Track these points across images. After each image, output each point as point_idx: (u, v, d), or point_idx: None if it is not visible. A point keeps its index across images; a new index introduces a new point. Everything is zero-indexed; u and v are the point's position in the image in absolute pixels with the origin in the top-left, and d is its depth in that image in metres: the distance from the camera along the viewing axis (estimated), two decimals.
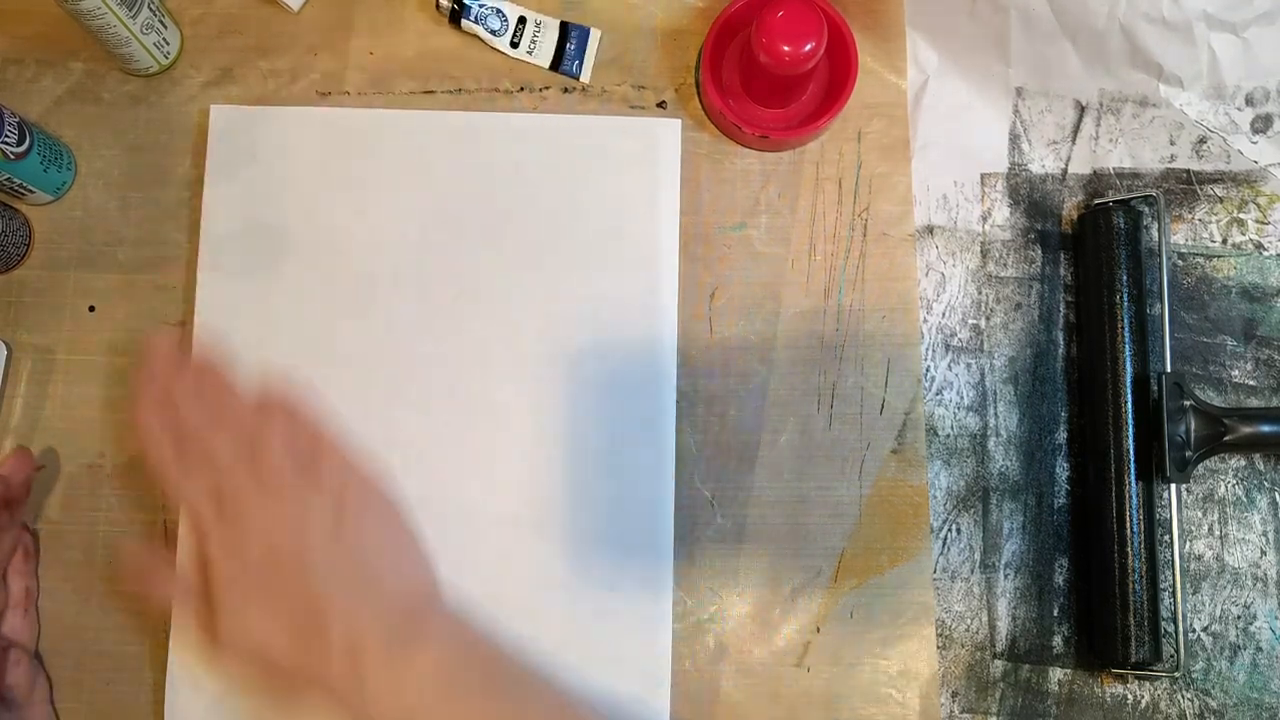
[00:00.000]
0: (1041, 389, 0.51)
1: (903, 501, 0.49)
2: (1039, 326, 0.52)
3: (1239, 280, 0.52)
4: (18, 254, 0.50)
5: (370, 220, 0.50)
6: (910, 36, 0.53)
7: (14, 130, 0.46)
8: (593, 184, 0.51)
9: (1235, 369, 0.51)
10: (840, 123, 0.52)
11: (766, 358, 0.50)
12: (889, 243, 0.52)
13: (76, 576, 0.47)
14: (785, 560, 0.49)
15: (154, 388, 0.42)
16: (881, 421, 0.50)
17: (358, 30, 0.53)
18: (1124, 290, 0.49)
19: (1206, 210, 0.52)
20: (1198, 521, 0.50)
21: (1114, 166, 0.52)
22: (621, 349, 0.49)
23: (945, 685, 0.48)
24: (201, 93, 0.52)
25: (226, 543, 0.39)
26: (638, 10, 0.53)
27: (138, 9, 0.47)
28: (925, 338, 0.51)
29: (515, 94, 0.52)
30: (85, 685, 0.47)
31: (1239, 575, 0.49)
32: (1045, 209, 0.52)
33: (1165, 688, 0.48)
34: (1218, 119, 0.52)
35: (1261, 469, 0.50)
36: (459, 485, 0.48)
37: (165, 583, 0.43)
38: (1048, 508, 0.50)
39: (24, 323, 0.50)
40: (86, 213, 0.51)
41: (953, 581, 0.49)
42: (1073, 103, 0.53)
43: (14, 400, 0.49)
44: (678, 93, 0.53)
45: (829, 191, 0.52)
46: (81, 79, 0.52)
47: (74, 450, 0.49)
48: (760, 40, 0.45)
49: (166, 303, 0.50)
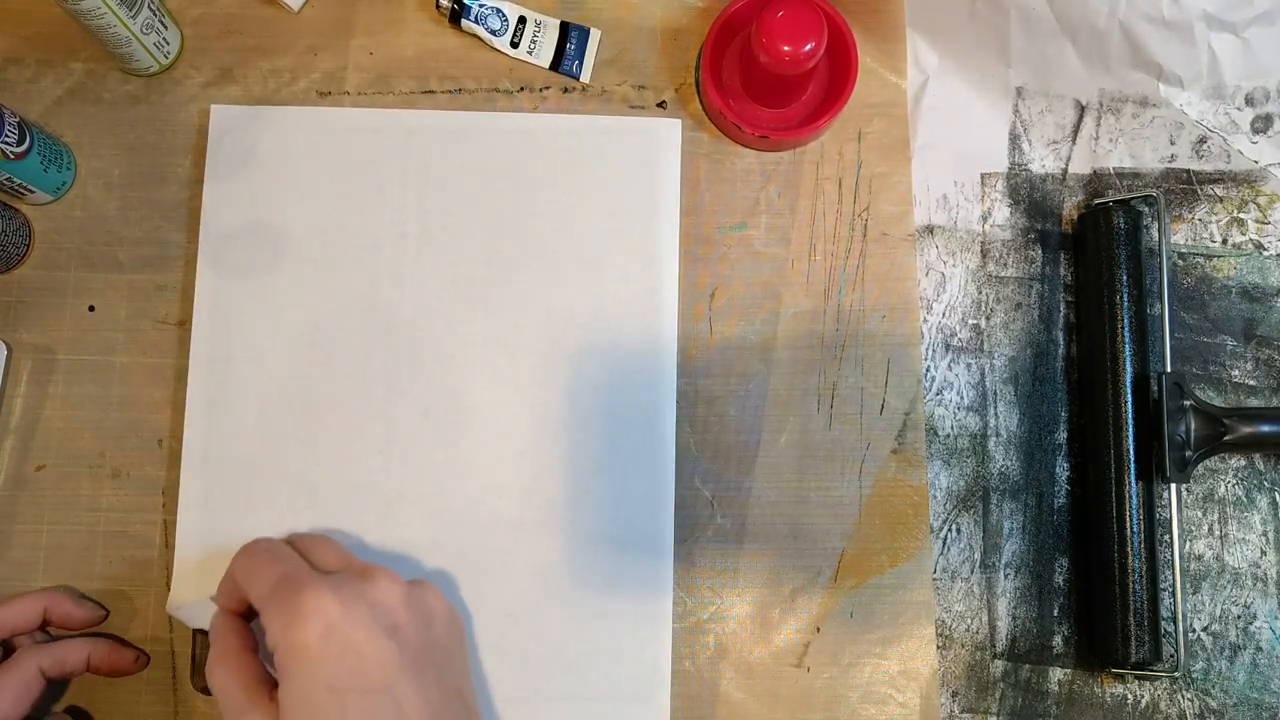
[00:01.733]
0: (1041, 389, 0.51)
1: (903, 501, 0.49)
2: (1039, 326, 0.52)
3: (1239, 280, 0.52)
4: (18, 254, 0.50)
5: (370, 220, 0.50)
6: (910, 36, 0.53)
7: (14, 130, 0.46)
8: (593, 184, 0.51)
9: (1235, 369, 0.51)
10: (840, 123, 0.52)
11: (766, 358, 0.50)
12: (889, 243, 0.52)
13: (76, 577, 0.47)
14: (785, 560, 0.49)
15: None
16: (881, 421, 0.50)
17: (358, 30, 0.53)
18: (1124, 290, 0.49)
19: (1206, 210, 0.52)
20: (1198, 521, 0.50)
21: (1114, 166, 0.52)
22: (621, 349, 0.49)
23: (945, 685, 0.48)
24: (201, 93, 0.52)
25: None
26: (638, 10, 0.53)
27: (138, 9, 0.47)
28: (925, 338, 0.51)
29: (515, 94, 0.52)
30: (87, 684, 0.47)
31: (1239, 575, 0.49)
32: (1045, 209, 0.52)
33: (1165, 688, 0.48)
34: (1218, 119, 0.52)
35: (1261, 469, 0.50)
36: (459, 485, 0.48)
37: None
38: (1048, 508, 0.50)
39: (24, 323, 0.50)
40: (86, 213, 0.51)
41: (953, 581, 0.49)
42: (1073, 103, 0.53)
43: (14, 400, 0.49)
44: (678, 93, 0.53)
45: (829, 191, 0.52)
46: (81, 79, 0.52)
47: (74, 450, 0.49)
48: (760, 40, 0.45)
49: (166, 303, 0.50)
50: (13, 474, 0.48)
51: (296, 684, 0.33)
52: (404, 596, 0.37)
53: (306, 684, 0.33)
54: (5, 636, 0.44)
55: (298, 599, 0.34)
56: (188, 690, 0.47)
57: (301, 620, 0.34)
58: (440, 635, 0.38)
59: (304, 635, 0.33)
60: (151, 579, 0.48)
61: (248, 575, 0.37)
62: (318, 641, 0.33)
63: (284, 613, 0.34)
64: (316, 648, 0.33)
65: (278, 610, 0.34)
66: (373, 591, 0.36)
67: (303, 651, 0.33)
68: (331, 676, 0.33)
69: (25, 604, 0.44)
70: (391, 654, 0.34)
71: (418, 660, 0.36)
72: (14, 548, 0.48)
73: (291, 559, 0.38)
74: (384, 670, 0.34)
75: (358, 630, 0.34)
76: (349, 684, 0.33)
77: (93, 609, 0.46)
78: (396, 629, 0.36)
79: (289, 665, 0.34)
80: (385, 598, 0.36)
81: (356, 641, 0.34)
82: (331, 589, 0.35)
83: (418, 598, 0.38)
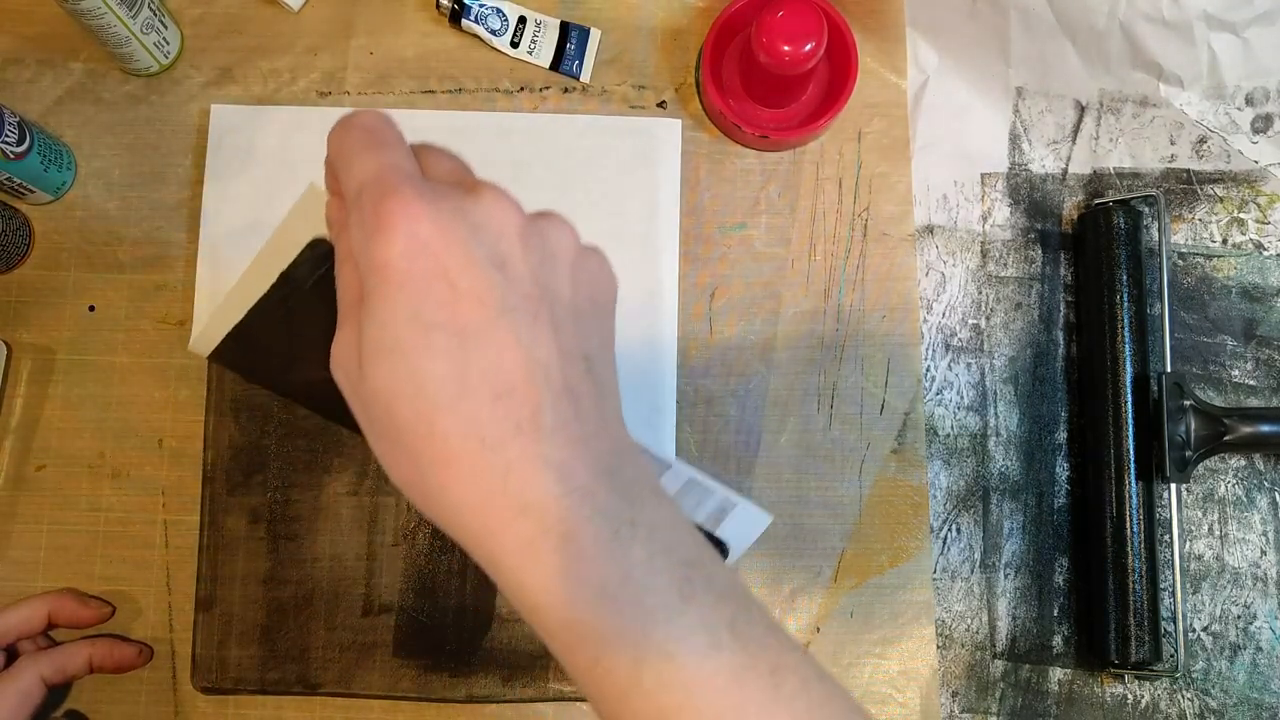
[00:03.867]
0: (1041, 389, 0.51)
1: (903, 501, 0.49)
2: (1039, 326, 0.52)
3: (1239, 280, 0.52)
4: (18, 254, 0.50)
5: None
6: (910, 36, 0.53)
7: (14, 130, 0.46)
8: (593, 184, 0.51)
9: (1235, 369, 0.51)
10: (840, 123, 0.52)
11: (766, 358, 0.50)
12: (889, 243, 0.52)
13: (76, 577, 0.47)
14: (785, 560, 0.49)
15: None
16: (881, 421, 0.50)
17: (358, 30, 0.53)
18: (1124, 290, 0.49)
19: (1206, 210, 0.52)
20: (1198, 521, 0.50)
21: (1114, 166, 0.52)
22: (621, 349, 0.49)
23: (945, 685, 0.48)
24: (201, 93, 0.52)
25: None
26: (638, 10, 0.53)
27: (138, 9, 0.47)
28: (925, 338, 0.51)
29: (515, 94, 0.52)
30: (88, 684, 0.47)
31: (1239, 575, 0.49)
32: (1045, 209, 0.52)
33: (1165, 688, 0.48)
34: (1218, 119, 0.52)
35: (1261, 469, 0.50)
36: None
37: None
38: (1048, 508, 0.50)
39: (24, 323, 0.50)
40: (86, 213, 0.51)
41: (953, 581, 0.49)
42: (1073, 103, 0.53)
43: (14, 400, 0.49)
44: (678, 93, 0.53)
45: (829, 191, 0.52)
46: (81, 79, 0.52)
47: (74, 450, 0.49)
48: (760, 40, 0.45)
49: (166, 303, 0.50)
50: (13, 474, 0.48)
51: (376, 309, 0.26)
52: (520, 225, 0.28)
53: (386, 311, 0.26)
54: (10, 642, 0.44)
55: (383, 206, 0.27)
56: (188, 690, 0.47)
57: (384, 232, 0.26)
58: (563, 281, 0.29)
59: (386, 252, 0.26)
60: (152, 579, 0.48)
61: (338, 157, 0.30)
62: (402, 261, 0.26)
63: (367, 220, 0.27)
64: (400, 269, 0.26)
65: (360, 216, 0.27)
66: (478, 210, 0.27)
67: (383, 271, 0.26)
68: (415, 305, 0.26)
69: (29, 608, 0.44)
70: (494, 289, 0.26)
71: (529, 305, 0.27)
72: (14, 548, 0.48)
73: (392, 149, 0.29)
74: (481, 308, 0.26)
75: (453, 253, 0.26)
76: (435, 319, 0.26)
77: (99, 606, 0.46)
78: (505, 262, 0.27)
79: (369, 286, 0.27)
80: (494, 220, 0.28)
81: (450, 268, 0.26)
82: (428, 200, 0.27)
83: (538, 229, 0.29)
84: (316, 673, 0.47)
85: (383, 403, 0.26)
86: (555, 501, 0.25)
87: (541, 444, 0.25)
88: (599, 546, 0.25)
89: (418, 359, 0.25)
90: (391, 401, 0.26)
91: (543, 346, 0.27)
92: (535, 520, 0.25)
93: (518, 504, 0.25)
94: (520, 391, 0.25)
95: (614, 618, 0.25)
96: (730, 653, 0.25)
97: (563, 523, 0.25)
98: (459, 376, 0.25)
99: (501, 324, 0.26)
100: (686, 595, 0.25)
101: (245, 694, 0.47)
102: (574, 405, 0.27)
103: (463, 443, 0.25)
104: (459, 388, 0.25)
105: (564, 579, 0.25)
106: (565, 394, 0.26)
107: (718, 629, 0.25)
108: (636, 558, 0.25)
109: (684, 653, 0.25)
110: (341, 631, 0.47)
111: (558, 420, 0.26)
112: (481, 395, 0.25)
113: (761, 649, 0.26)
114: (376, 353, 0.26)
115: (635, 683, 0.25)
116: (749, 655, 0.25)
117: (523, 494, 0.25)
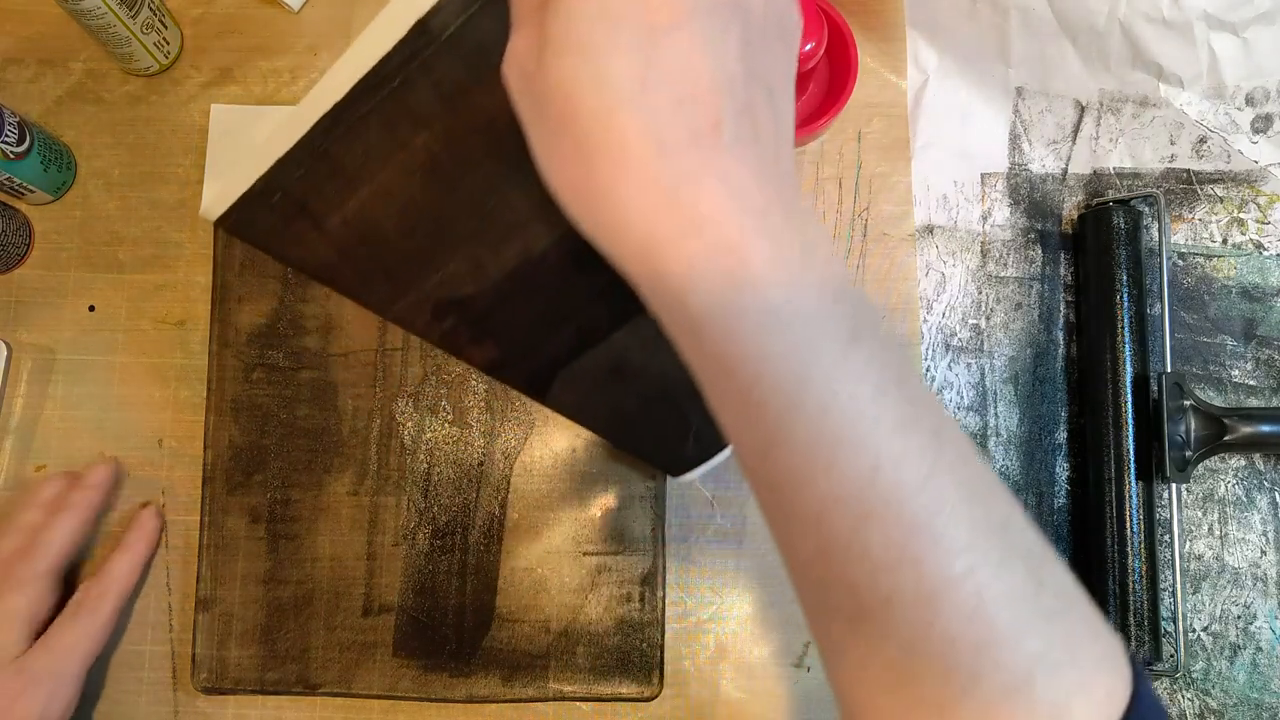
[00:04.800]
0: (1041, 389, 0.51)
1: None
2: (1039, 326, 0.52)
3: (1239, 280, 0.52)
4: (18, 254, 0.50)
5: None
6: (910, 36, 0.53)
7: (14, 130, 0.46)
8: None
9: (1235, 369, 0.51)
10: (840, 123, 0.52)
11: None
12: (889, 243, 0.51)
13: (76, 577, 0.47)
14: None
15: None
16: None
17: (358, 30, 0.52)
18: (1124, 290, 0.49)
19: (1206, 210, 0.52)
20: (1198, 521, 0.50)
21: (1114, 166, 0.52)
22: None
23: None
24: (201, 93, 0.52)
25: None
26: None
27: (138, 9, 0.47)
28: (925, 338, 0.51)
29: None
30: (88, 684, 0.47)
31: (1239, 575, 0.49)
32: (1045, 209, 0.52)
33: (1165, 688, 0.48)
34: (1218, 119, 0.52)
35: (1261, 469, 0.50)
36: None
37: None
38: (1048, 508, 0.50)
39: (24, 323, 0.50)
40: (86, 213, 0.51)
41: None
42: (1073, 103, 0.53)
43: (14, 400, 0.49)
44: None
45: (829, 191, 0.52)
46: (81, 79, 0.52)
47: (74, 450, 0.49)
48: None
49: (166, 303, 0.50)
50: (13, 474, 0.48)
51: (563, 3, 0.24)
52: None
53: (575, 3, 0.24)
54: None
55: None
56: (188, 690, 0.47)
57: None
58: (756, 6, 0.26)
59: None
60: (152, 579, 0.48)
61: None
62: None
63: None
64: None
65: None
66: None
67: None
68: (604, 0, 0.24)
69: (75, 522, 0.46)
70: None
71: (722, 12, 0.25)
72: None
73: None
74: (672, 7, 0.24)
75: None
76: (624, 13, 0.24)
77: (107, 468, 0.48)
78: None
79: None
80: None
81: None
82: None
83: None
84: (316, 673, 0.47)
85: (562, 95, 0.24)
86: (728, 219, 0.23)
87: (720, 158, 0.23)
88: (772, 270, 0.23)
89: (603, 54, 0.24)
90: (571, 93, 0.24)
91: (731, 59, 0.25)
92: (706, 236, 0.23)
93: (689, 217, 0.23)
94: (704, 101, 0.24)
95: (779, 344, 0.23)
96: (895, 402, 0.24)
97: (735, 241, 0.23)
98: (642, 74, 0.23)
99: (693, 26, 0.24)
100: (856, 336, 0.24)
101: (245, 694, 0.47)
102: (754, 127, 0.24)
103: (640, 141, 0.23)
104: (641, 85, 0.23)
105: (732, 298, 0.23)
106: (747, 113, 0.24)
107: (886, 376, 0.24)
108: (810, 285, 0.24)
109: (848, 394, 0.23)
110: (341, 631, 0.47)
111: (737, 137, 0.24)
112: (663, 96, 0.23)
113: (927, 408, 0.24)
114: (562, 47, 0.24)
115: (792, 416, 0.23)
116: (914, 410, 0.24)
117: (695, 206, 0.23)
